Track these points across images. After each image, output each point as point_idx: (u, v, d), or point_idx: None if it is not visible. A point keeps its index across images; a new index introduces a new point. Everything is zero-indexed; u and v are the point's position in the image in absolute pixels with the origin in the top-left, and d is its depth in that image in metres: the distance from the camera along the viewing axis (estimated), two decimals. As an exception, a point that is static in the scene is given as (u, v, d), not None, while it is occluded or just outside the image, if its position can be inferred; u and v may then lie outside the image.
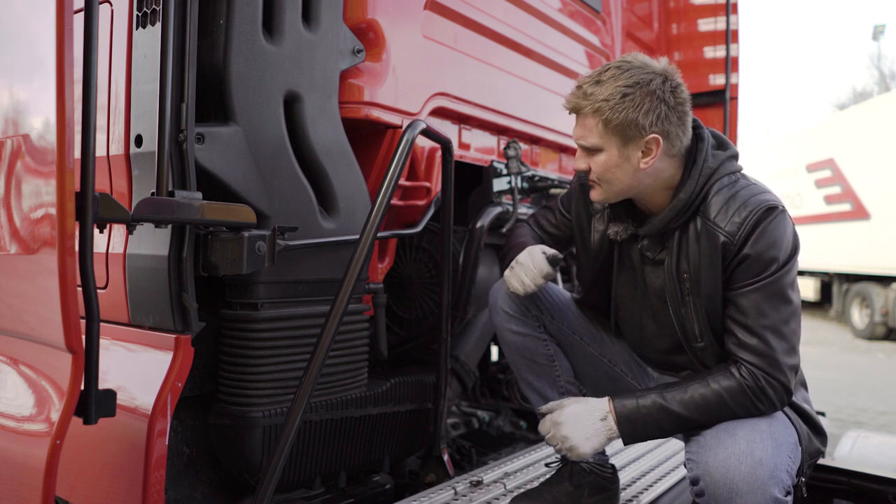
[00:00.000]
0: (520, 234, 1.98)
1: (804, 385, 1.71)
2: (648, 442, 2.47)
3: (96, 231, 1.28)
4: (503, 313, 1.89)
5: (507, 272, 1.81)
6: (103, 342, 1.49)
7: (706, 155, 1.60)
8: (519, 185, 2.52)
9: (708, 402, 1.52)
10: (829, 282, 13.50)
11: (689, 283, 1.59)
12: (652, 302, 1.71)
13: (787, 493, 1.42)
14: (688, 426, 1.55)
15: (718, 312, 1.57)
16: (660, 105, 1.50)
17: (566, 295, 1.97)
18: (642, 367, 1.91)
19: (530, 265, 1.76)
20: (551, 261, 1.77)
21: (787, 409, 1.59)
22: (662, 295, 1.66)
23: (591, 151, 1.58)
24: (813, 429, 1.63)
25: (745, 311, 1.52)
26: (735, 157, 1.65)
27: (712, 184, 1.58)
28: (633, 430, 1.57)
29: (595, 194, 1.65)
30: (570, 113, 1.61)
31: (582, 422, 1.60)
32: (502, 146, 2.57)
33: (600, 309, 1.91)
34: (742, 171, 1.64)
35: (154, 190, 1.44)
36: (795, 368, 1.55)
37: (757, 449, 1.41)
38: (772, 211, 1.51)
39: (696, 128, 1.63)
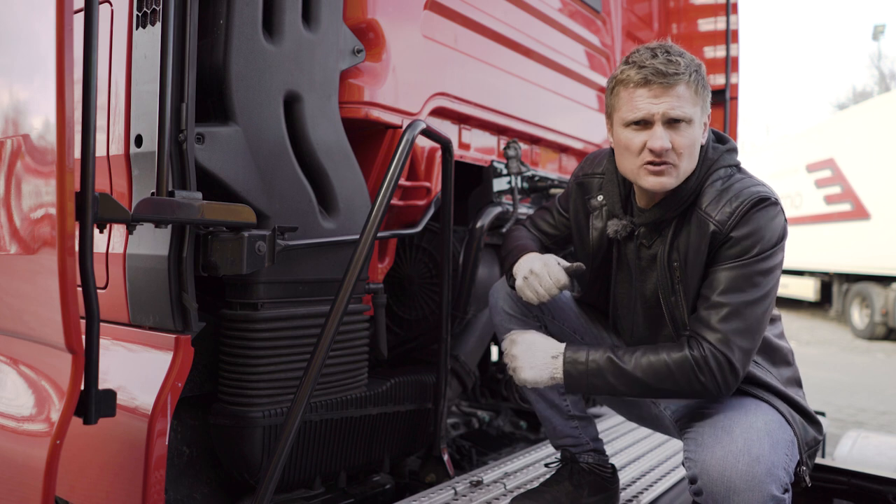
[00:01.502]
0: (517, 237, 1.96)
1: (799, 383, 1.71)
2: (649, 443, 2.48)
3: (96, 231, 1.28)
4: (504, 313, 1.89)
5: (519, 282, 1.75)
6: (103, 342, 1.50)
7: (707, 147, 1.62)
8: (519, 185, 2.52)
9: (653, 365, 1.52)
10: (829, 282, 13.50)
11: (679, 272, 1.60)
12: (647, 298, 1.71)
13: (785, 491, 1.43)
14: (631, 387, 1.55)
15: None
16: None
17: (566, 294, 1.97)
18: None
19: (545, 275, 1.71)
20: (569, 272, 1.73)
21: (780, 403, 1.60)
22: (655, 289, 1.67)
23: (678, 124, 1.51)
24: (806, 418, 1.64)
25: (713, 286, 1.53)
26: (734, 150, 1.66)
27: (709, 174, 1.60)
28: (575, 371, 1.58)
29: (668, 179, 1.54)
30: (651, 86, 1.50)
31: (533, 351, 1.63)
32: (502, 146, 2.57)
33: (599, 307, 1.91)
34: (740, 165, 1.65)
35: (154, 190, 1.44)
36: (748, 352, 1.52)
37: (754, 447, 1.41)
38: (763, 201, 1.52)
39: None
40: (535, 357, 1.62)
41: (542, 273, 1.71)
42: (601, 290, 1.85)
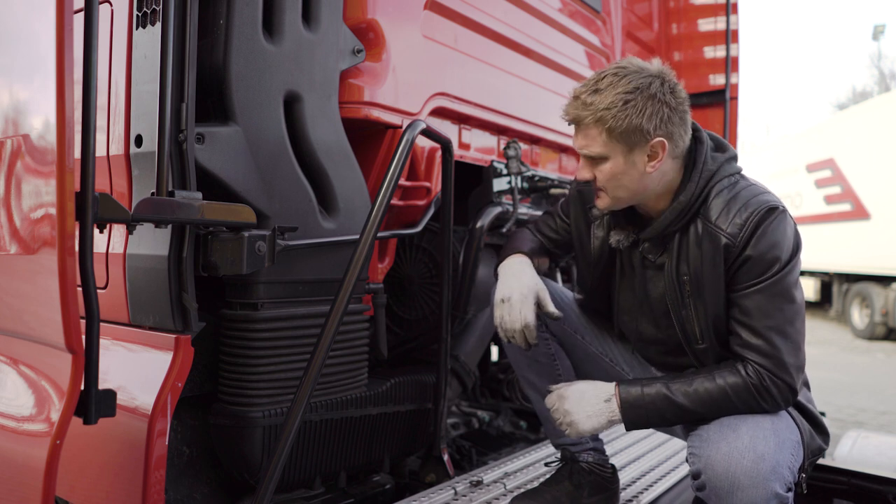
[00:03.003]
0: (517, 237, 1.96)
1: (807, 385, 1.71)
2: (649, 443, 2.48)
3: (96, 231, 1.28)
4: None
5: (496, 306, 1.76)
6: (103, 342, 1.49)
7: (706, 157, 1.60)
8: (519, 185, 2.52)
9: (712, 396, 1.52)
10: (829, 282, 13.50)
11: (689, 286, 1.59)
12: (653, 306, 1.71)
13: (789, 489, 1.43)
14: (690, 418, 1.56)
15: (721, 314, 1.57)
16: (662, 107, 1.50)
17: (568, 294, 1.97)
18: (644, 365, 1.90)
19: (517, 311, 1.71)
20: (541, 316, 1.76)
21: (790, 407, 1.59)
22: (663, 299, 1.66)
23: (596, 160, 1.56)
24: (815, 426, 1.63)
25: (749, 312, 1.52)
26: (734, 158, 1.65)
27: (712, 186, 1.58)
28: (635, 416, 1.57)
29: (601, 202, 1.62)
30: (569, 124, 1.59)
31: (586, 400, 1.60)
32: (502, 146, 2.57)
33: (601, 310, 1.91)
34: (742, 173, 1.64)
35: (154, 190, 1.44)
36: (801, 368, 1.54)
37: (759, 444, 1.41)
38: (773, 211, 1.52)
39: (695, 130, 1.63)
40: (589, 405, 1.60)
41: (515, 305, 1.71)
42: (603, 295, 1.85)
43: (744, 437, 1.43)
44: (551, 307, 1.75)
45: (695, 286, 1.58)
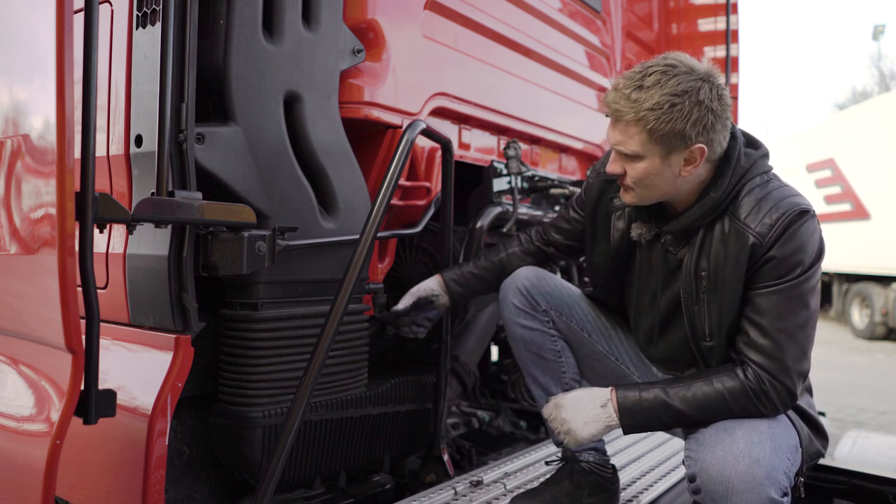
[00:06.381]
0: (477, 257, 2.08)
1: (809, 391, 1.70)
2: (649, 443, 2.48)
3: (96, 231, 1.28)
4: (512, 307, 1.89)
5: None
6: (103, 342, 1.49)
7: (739, 153, 1.57)
8: (519, 185, 2.52)
9: (710, 400, 1.51)
10: (829, 282, 13.49)
11: (706, 282, 1.57)
12: (668, 302, 1.70)
13: (784, 494, 1.42)
14: (687, 422, 1.55)
15: (734, 313, 1.55)
16: (707, 114, 1.45)
17: (576, 291, 1.96)
18: (647, 365, 1.90)
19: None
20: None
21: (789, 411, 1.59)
22: (677, 294, 1.65)
23: (630, 157, 1.52)
24: (814, 430, 1.63)
25: (763, 311, 1.50)
26: (766, 156, 1.62)
27: (744, 183, 1.55)
28: (633, 421, 1.57)
29: (628, 197, 1.60)
30: (607, 116, 1.54)
31: (583, 406, 1.59)
32: (502, 146, 2.57)
33: (610, 303, 1.91)
34: (773, 171, 1.61)
35: (154, 190, 1.44)
36: (804, 374, 1.53)
37: (755, 449, 1.41)
38: (804, 215, 1.49)
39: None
40: (586, 412, 1.59)
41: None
42: (614, 288, 1.85)
43: (739, 442, 1.42)
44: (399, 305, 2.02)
45: (712, 282, 1.56)
